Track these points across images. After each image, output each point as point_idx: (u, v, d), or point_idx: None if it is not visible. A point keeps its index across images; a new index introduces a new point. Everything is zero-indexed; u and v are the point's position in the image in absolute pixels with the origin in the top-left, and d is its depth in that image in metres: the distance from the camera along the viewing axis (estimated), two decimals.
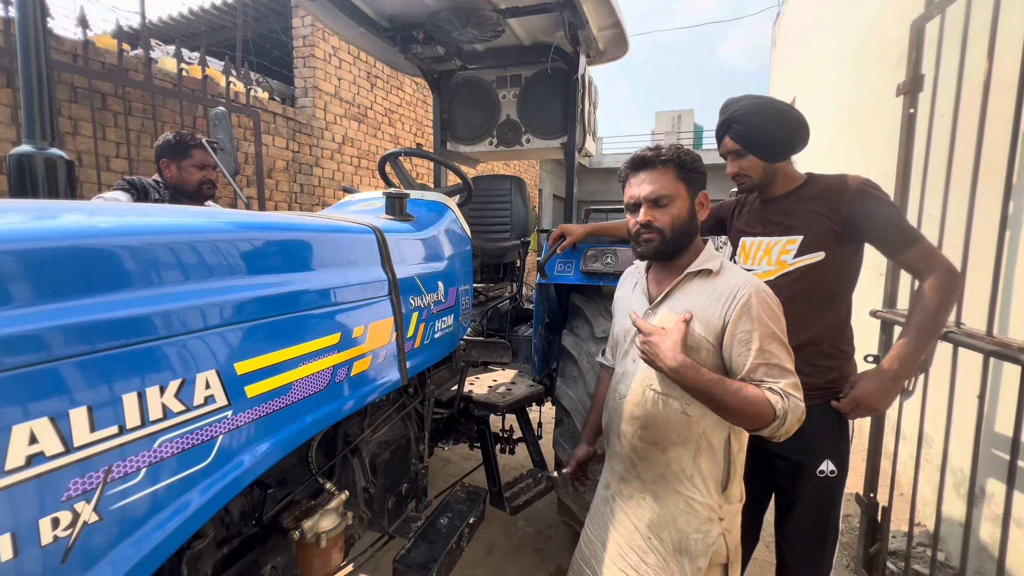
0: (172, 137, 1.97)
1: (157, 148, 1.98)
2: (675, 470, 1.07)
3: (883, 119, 2.97)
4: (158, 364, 0.62)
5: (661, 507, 1.09)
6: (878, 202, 1.29)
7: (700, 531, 1.05)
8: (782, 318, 1.04)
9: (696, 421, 1.06)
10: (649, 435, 1.11)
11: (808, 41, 5.98)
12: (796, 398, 0.96)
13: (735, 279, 1.05)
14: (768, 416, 0.93)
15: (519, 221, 3.02)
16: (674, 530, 1.07)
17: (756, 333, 0.98)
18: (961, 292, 1.55)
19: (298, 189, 4.65)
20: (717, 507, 1.06)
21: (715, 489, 1.07)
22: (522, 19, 2.25)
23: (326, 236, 1.02)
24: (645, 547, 1.10)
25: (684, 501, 1.06)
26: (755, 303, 1.00)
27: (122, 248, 0.62)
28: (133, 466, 0.59)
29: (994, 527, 1.88)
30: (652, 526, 1.09)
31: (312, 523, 1.00)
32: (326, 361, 0.92)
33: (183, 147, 1.96)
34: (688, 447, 1.06)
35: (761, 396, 0.94)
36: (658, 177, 1.07)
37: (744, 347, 0.99)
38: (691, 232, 1.10)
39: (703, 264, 1.09)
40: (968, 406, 1.55)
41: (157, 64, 3.41)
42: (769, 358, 0.98)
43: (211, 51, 4.67)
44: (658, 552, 1.08)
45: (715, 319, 1.02)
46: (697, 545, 1.04)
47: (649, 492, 1.11)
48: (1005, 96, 1.44)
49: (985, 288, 1.47)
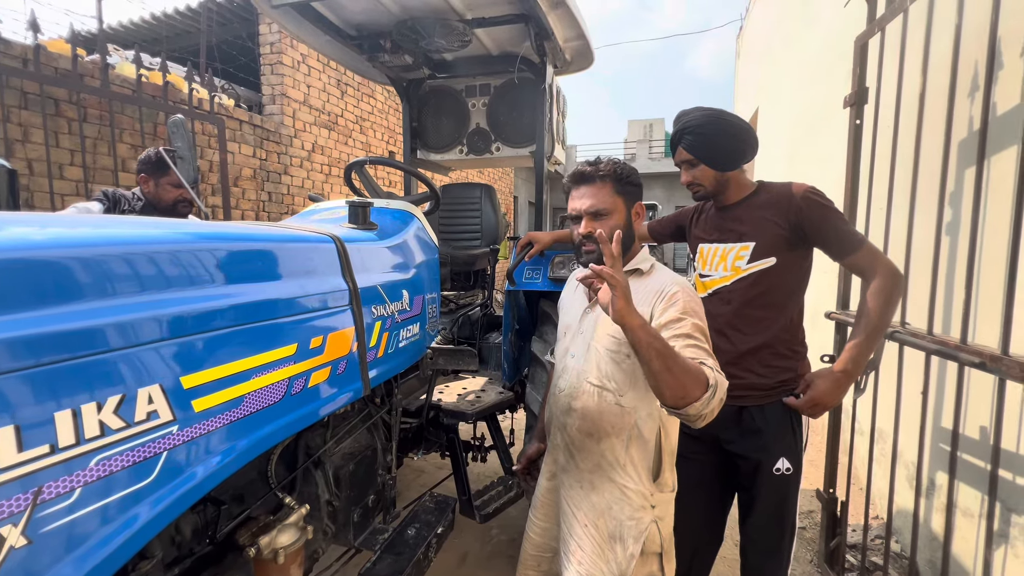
0: (153, 154, 1.99)
1: (139, 162, 2.02)
2: (609, 459, 1.12)
3: (837, 130, 3.11)
4: (95, 380, 0.60)
5: (597, 496, 1.13)
6: (823, 208, 1.35)
7: (633, 518, 1.09)
8: (705, 318, 1.09)
9: (629, 412, 1.12)
10: (585, 426, 1.16)
11: (769, 54, 6.23)
12: (722, 377, 0.97)
13: (663, 278, 1.12)
14: (703, 384, 0.91)
15: (489, 228, 3.03)
16: (609, 518, 1.11)
17: (684, 321, 1.03)
18: (906, 293, 1.64)
19: (266, 197, 4.56)
20: (649, 494, 1.11)
21: (647, 477, 1.12)
22: (489, 29, 2.28)
23: (282, 246, 1.01)
24: (582, 534, 1.14)
25: (618, 489, 1.11)
26: (682, 297, 1.06)
27: (58, 260, 0.61)
28: (66, 486, 0.57)
29: (944, 517, 1.98)
30: (589, 514, 1.14)
31: (270, 539, 0.98)
32: (281, 373, 0.91)
33: (161, 164, 1.97)
34: (621, 437, 1.11)
35: (697, 365, 0.94)
36: (596, 191, 1.13)
37: (671, 332, 1.01)
38: (628, 240, 1.17)
39: (635, 264, 1.17)
40: (917, 402, 1.63)
41: (115, 70, 3.30)
42: (697, 342, 1.01)
43: (173, 57, 4.57)
44: (594, 539, 1.12)
45: (644, 312, 1.07)
46: (630, 532, 1.09)
47: (587, 481, 1.16)
48: (940, 108, 1.54)
49: (929, 289, 1.55)
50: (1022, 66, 1.54)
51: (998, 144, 1.60)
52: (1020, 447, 1.53)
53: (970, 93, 1.77)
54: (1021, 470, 1.54)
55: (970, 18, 1.44)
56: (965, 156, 1.80)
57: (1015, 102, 1.57)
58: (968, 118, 1.79)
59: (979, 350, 1.29)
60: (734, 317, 1.44)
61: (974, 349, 1.31)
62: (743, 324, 1.43)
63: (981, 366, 1.27)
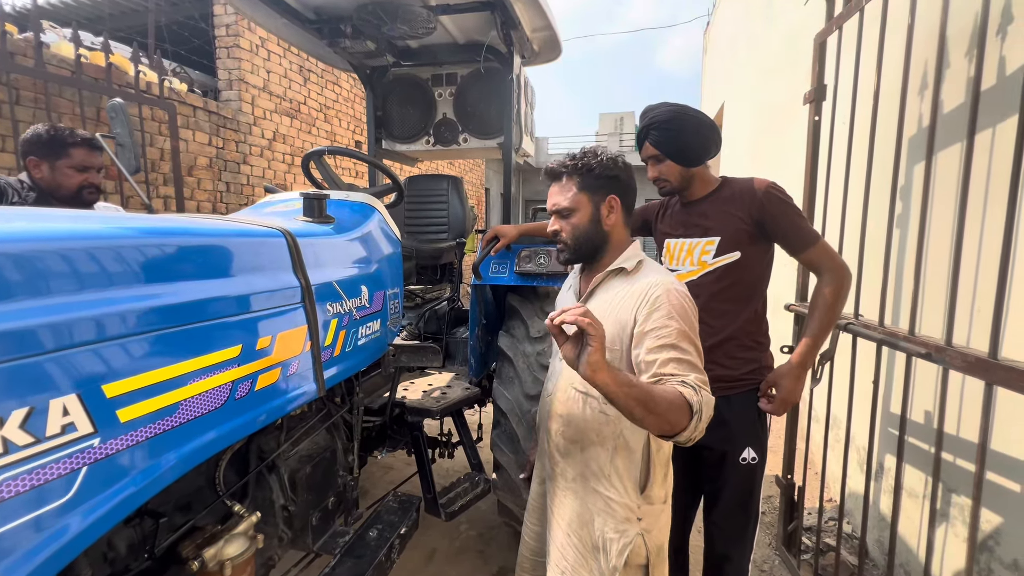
0: (45, 131, 1.69)
1: (24, 142, 1.69)
2: (594, 469, 1.08)
3: (797, 127, 3.19)
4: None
5: (581, 506, 1.09)
6: (783, 205, 1.37)
7: (617, 531, 1.05)
8: (693, 318, 1.03)
9: (614, 421, 1.06)
10: (570, 433, 1.12)
11: (734, 50, 6.34)
12: (706, 391, 0.95)
13: (649, 278, 1.05)
14: (687, 413, 0.88)
15: (456, 221, 2.98)
16: (592, 528, 1.07)
17: (668, 328, 0.98)
18: (859, 285, 1.69)
19: (224, 188, 4.36)
20: (635, 507, 1.06)
21: (633, 489, 1.07)
22: (455, 17, 2.22)
23: (225, 241, 0.94)
24: (565, 543, 1.10)
25: (603, 500, 1.07)
26: (666, 300, 1.00)
27: None
28: None
29: (892, 499, 2.07)
30: (572, 524, 1.10)
31: (215, 550, 0.93)
32: (223, 376, 0.85)
33: (58, 144, 1.68)
34: (606, 447, 1.07)
35: (678, 396, 0.88)
36: (560, 189, 1.12)
37: (655, 339, 0.97)
38: (596, 236, 1.12)
39: (620, 263, 1.12)
40: (869, 390, 1.69)
41: (50, 49, 3.06)
42: (681, 354, 0.96)
43: (118, 37, 4.27)
44: (577, 549, 1.08)
45: (627, 316, 1.03)
46: (613, 545, 1.04)
47: (571, 490, 1.12)
48: (894, 106, 1.58)
49: (880, 282, 1.60)
50: (967, 66, 1.60)
51: (944, 141, 1.67)
52: (960, 431, 1.61)
53: (920, 91, 1.83)
54: (961, 453, 1.62)
55: (922, 17, 1.48)
56: (915, 152, 1.87)
57: (960, 100, 1.64)
58: (918, 115, 1.85)
59: (925, 341, 1.35)
60: (701, 311, 1.44)
61: (920, 340, 1.37)
62: (710, 317, 1.45)
63: (927, 356, 1.32)
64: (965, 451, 1.60)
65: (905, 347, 1.41)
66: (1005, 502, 1.46)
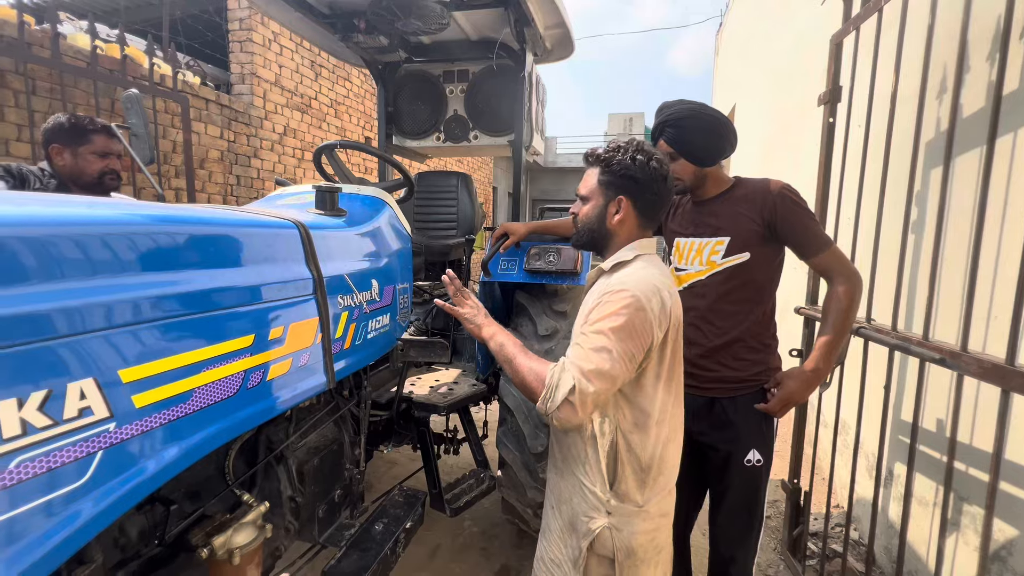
0: (66, 120, 1.72)
1: (46, 131, 1.71)
2: (573, 453, 1.12)
3: (811, 128, 3.16)
4: (15, 374, 0.54)
5: (564, 483, 1.15)
6: (796, 207, 1.36)
7: (587, 515, 1.09)
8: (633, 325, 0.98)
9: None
10: None
11: (747, 51, 6.29)
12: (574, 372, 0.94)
13: (613, 280, 1.06)
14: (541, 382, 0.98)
15: (465, 218, 2.98)
16: (569, 507, 1.13)
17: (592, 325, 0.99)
18: (872, 289, 1.68)
19: (234, 181, 4.38)
20: (604, 499, 1.07)
21: (600, 481, 1.07)
22: (468, 13, 2.22)
23: (239, 231, 0.95)
24: (551, 516, 1.18)
25: (578, 483, 1.11)
26: (617, 298, 0.99)
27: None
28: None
29: (901, 506, 2.05)
30: (558, 500, 1.17)
31: (224, 538, 0.93)
32: (236, 365, 0.85)
33: (80, 131, 1.71)
34: (583, 434, 1.09)
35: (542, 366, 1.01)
36: (588, 176, 1.16)
37: (587, 326, 1.01)
38: (598, 230, 1.14)
39: (609, 263, 1.14)
40: (880, 395, 1.67)
41: (67, 40, 3.09)
42: (584, 341, 0.98)
43: (133, 30, 4.31)
44: (559, 522, 1.15)
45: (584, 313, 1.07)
46: (582, 527, 1.09)
47: (558, 468, 1.18)
48: (911, 108, 1.56)
49: (894, 286, 1.58)
50: (988, 69, 1.58)
51: (963, 146, 1.64)
52: (973, 440, 1.59)
53: (939, 94, 1.80)
54: (974, 462, 1.60)
55: (942, 19, 1.46)
56: (932, 156, 1.84)
57: (980, 104, 1.61)
58: (936, 119, 1.83)
59: (939, 346, 1.33)
60: (708, 311, 1.45)
61: (935, 345, 1.35)
62: (717, 318, 1.44)
63: (941, 362, 1.31)
64: (978, 459, 1.58)
65: (918, 352, 1.39)
66: (1019, 512, 1.44)
